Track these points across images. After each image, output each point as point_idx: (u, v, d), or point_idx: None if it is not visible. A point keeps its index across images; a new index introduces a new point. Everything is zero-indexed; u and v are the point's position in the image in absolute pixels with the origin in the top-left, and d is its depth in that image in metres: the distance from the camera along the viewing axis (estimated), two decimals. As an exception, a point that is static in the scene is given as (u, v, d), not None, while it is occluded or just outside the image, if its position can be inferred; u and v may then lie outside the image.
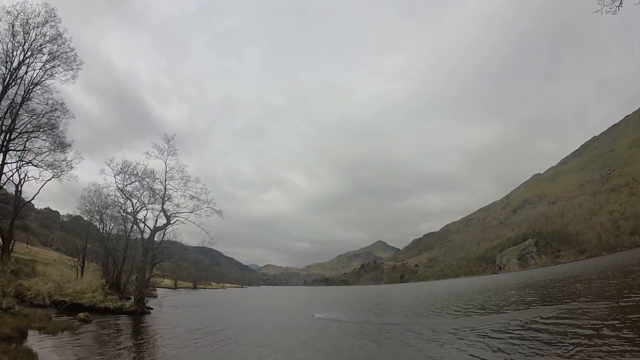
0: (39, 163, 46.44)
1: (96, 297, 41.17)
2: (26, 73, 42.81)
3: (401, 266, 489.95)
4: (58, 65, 44.00)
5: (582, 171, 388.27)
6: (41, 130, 45.21)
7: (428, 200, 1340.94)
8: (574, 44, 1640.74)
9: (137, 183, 49.61)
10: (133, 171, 48.66)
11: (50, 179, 48.26)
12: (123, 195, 50.30)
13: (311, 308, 58.54)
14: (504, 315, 31.98)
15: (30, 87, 43.28)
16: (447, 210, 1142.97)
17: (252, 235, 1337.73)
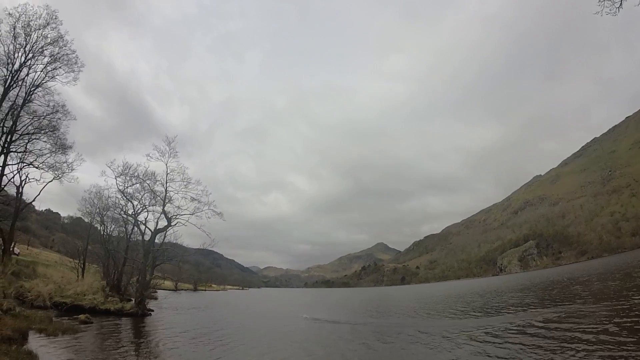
0: (40, 165, 46.66)
1: (97, 299, 41.23)
2: (27, 75, 43.02)
3: (402, 268, 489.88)
4: (59, 67, 44.23)
5: (583, 172, 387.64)
6: (42, 132, 45.40)
7: (429, 201, 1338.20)
8: (575, 44, 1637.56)
9: (138, 185, 49.75)
10: (134, 173, 48.76)
11: (51, 181, 48.48)
12: (124, 197, 50.49)
13: (310, 310, 58.46)
14: (501, 317, 31.92)
15: (31, 89, 43.45)
16: (448, 212, 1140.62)
17: (253, 237, 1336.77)
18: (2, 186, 43.77)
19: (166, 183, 47.28)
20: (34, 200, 51.05)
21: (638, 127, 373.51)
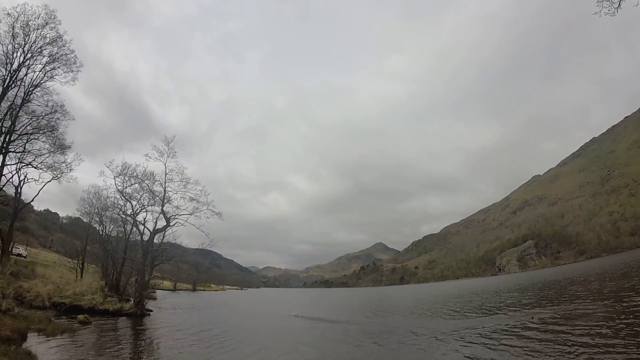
0: (39, 165, 46.60)
1: (96, 299, 41.20)
2: (26, 75, 42.94)
3: (401, 268, 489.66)
4: (58, 67, 44.15)
5: (582, 172, 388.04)
6: (41, 132, 45.33)
7: (428, 201, 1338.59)
8: (575, 44, 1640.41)
9: (137, 185, 49.57)
10: (133, 173, 48.53)
11: (49, 181, 48.45)
12: (123, 197, 50.35)
13: (307, 311, 58.63)
14: (497, 318, 32.02)
15: (30, 89, 43.38)
16: (447, 211, 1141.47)
17: (253, 237, 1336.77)
18: (1, 186, 43.76)
19: (165, 183, 47.28)
20: (33, 200, 51.06)
21: (637, 127, 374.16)
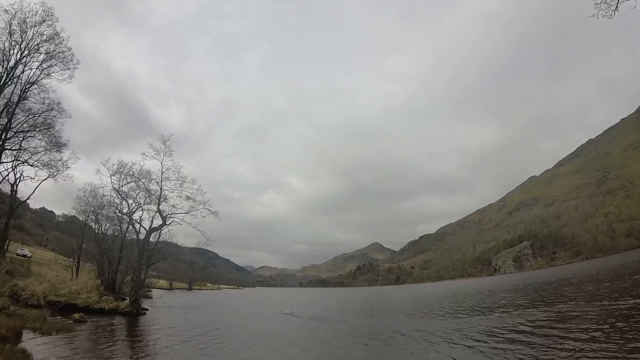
0: (35, 162, 46.36)
1: (91, 298, 41.12)
2: (23, 72, 42.80)
3: (397, 268, 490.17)
4: (55, 64, 43.99)
5: (578, 174, 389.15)
6: (37, 129, 45.11)
7: (425, 202, 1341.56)
8: (575, 45, 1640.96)
9: (133, 183, 49.37)
10: (129, 172, 48.38)
11: (45, 179, 48.17)
12: (119, 195, 50.18)
13: (302, 310, 58.90)
14: (490, 318, 32.27)
15: (26, 86, 43.21)
16: (444, 212, 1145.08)
17: (249, 237, 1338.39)
18: (-3, 184, 43.62)
19: (161, 182, 47.21)
20: (29, 198, 50.86)
21: (633, 129, 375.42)
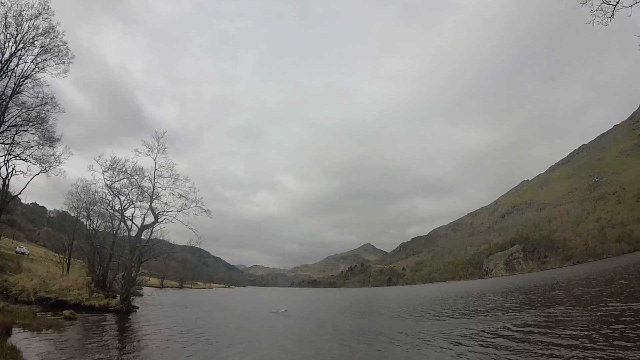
0: (27, 157, 45.90)
1: (82, 295, 40.92)
2: (17, 65, 42.26)
3: (389, 269, 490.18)
4: (50, 58, 43.44)
5: (571, 178, 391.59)
6: (30, 123, 44.64)
7: (418, 204, 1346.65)
8: (572, 50, 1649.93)
9: (126, 180, 49.29)
10: (122, 168, 48.30)
11: (38, 174, 47.70)
12: (111, 192, 50.00)
13: (293, 310, 59.05)
14: (478, 320, 32.46)
15: (20, 80, 42.72)
16: (436, 214, 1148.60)
17: (241, 236, 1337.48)
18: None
19: (154, 179, 47.15)
20: (20, 193, 50.44)
21: (626, 136, 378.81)
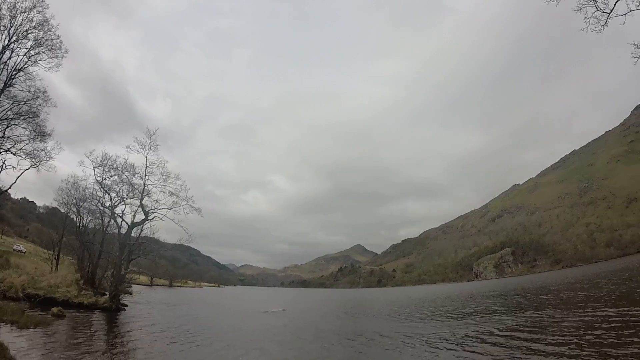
0: (18, 151, 45.44)
1: (70, 292, 40.65)
2: (10, 58, 41.95)
3: (379, 271, 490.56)
4: (43, 52, 43.09)
5: (561, 183, 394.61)
6: (22, 117, 44.25)
7: (408, 206, 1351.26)
8: (566, 53, 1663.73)
9: (117, 177, 49.00)
10: (113, 164, 48.06)
11: (28, 169, 47.20)
12: (101, 188, 49.73)
13: (282, 310, 59.28)
14: (465, 323, 32.71)
15: (12, 73, 42.36)
16: (427, 216, 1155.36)
17: (231, 235, 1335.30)
18: (-22, 173, 42.81)
19: (145, 176, 46.99)
20: (10, 187, 49.91)
21: (617, 142, 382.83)
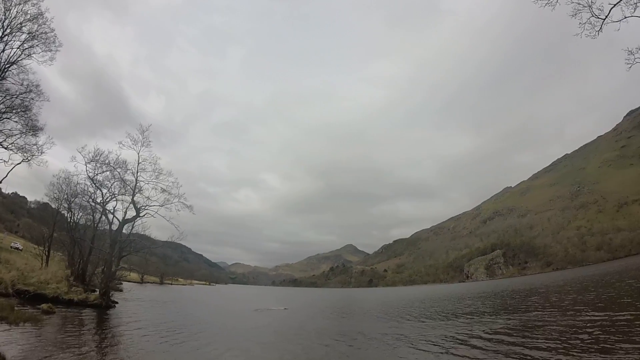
0: (9, 145, 45.14)
1: (60, 288, 40.40)
2: (3, 51, 41.58)
3: (370, 271, 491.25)
4: (37, 45, 42.79)
5: (553, 187, 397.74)
6: (14, 111, 43.92)
7: (400, 206, 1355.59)
8: (560, 58, 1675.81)
9: (108, 173, 48.85)
10: (105, 160, 47.86)
11: (19, 163, 46.91)
12: (93, 184, 49.50)
13: (273, 310, 59.31)
14: (452, 324, 32.93)
15: (5, 66, 42.01)
16: (418, 217, 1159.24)
17: (223, 233, 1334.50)
18: (-31, 167, 42.42)
19: (137, 172, 46.83)
20: (1, 182, 49.53)
21: (609, 147, 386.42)
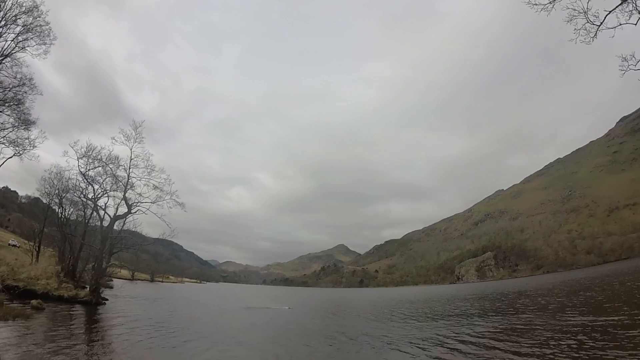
0: (1, 139, 44.90)
1: (50, 285, 40.22)
2: (-3, 43, 41.32)
3: (361, 271, 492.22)
4: (31, 38, 42.53)
5: (545, 190, 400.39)
6: (7, 104, 43.63)
7: (392, 207, 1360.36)
8: (554, 64, 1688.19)
9: (100, 168, 48.67)
10: (97, 156, 47.71)
11: (11, 157, 46.70)
12: (85, 179, 49.35)
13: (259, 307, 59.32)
14: (440, 325, 33.01)
15: (-1, 58, 41.77)
16: (410, 218, 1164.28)
17: (214, 230, 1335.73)
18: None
19: (129, 168, 46.79)
20: (-8, 176, 49.30)
21: (601, 152, 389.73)
